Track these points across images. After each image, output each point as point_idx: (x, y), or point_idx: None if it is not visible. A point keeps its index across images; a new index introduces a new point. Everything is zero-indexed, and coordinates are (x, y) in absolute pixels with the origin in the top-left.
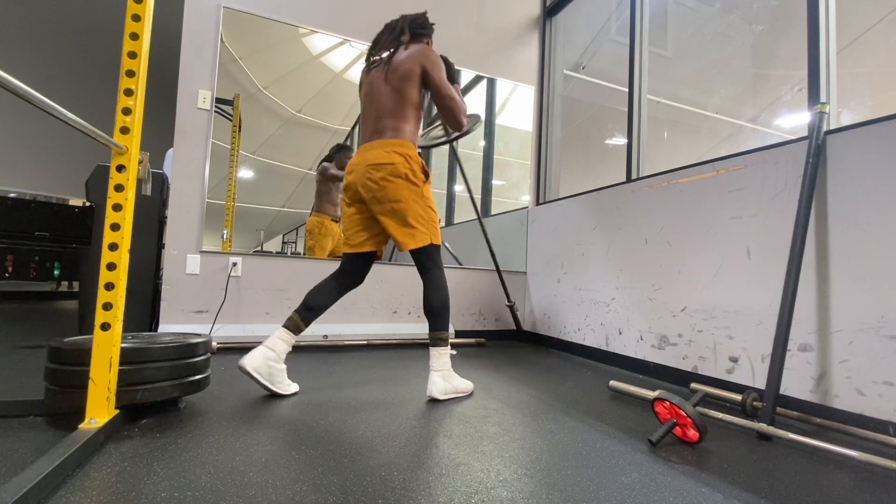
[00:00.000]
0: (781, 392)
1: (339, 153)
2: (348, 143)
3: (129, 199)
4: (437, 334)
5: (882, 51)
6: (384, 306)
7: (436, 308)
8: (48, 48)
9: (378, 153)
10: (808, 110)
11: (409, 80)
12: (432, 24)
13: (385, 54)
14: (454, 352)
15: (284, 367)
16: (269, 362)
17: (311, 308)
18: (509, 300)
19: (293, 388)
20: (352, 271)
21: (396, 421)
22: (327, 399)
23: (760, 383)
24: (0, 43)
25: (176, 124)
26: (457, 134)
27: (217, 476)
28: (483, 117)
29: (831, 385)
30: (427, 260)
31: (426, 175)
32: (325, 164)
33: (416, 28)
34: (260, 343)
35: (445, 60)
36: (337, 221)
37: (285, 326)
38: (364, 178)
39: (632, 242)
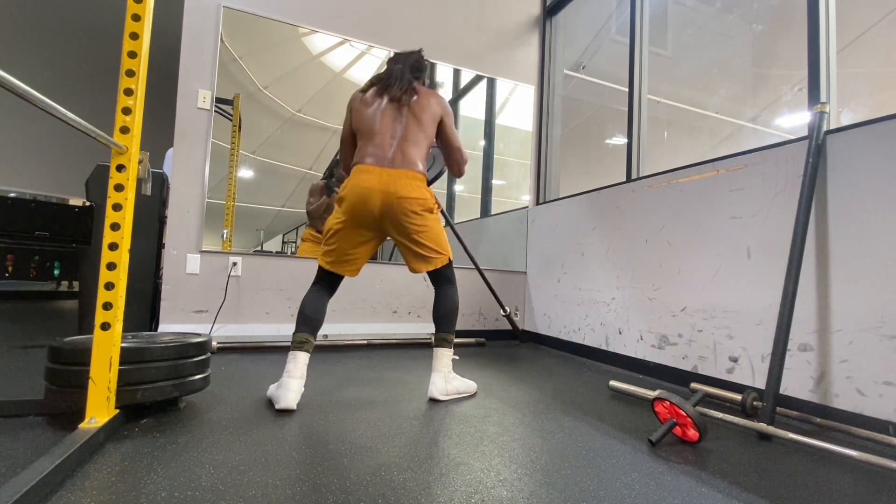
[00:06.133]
0: (781, 392)
1: (337, 167)
2: None
3: (129, 198)
4: (443, 335)
5: (882, 51)
6: (384, 306)
7: (445, 316)
8: (48, 48)
9: (412, 185)
10: (808, 110)
11: (434, 123)
12: (426, 64)
13: (405, 87)
14: (457, 357)
15: None
16: (302, 389)
17: (318, 327)
18: (504, 310)
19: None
20: (334, 285)
21: (397, 421)
22: (327, 399)
23: (760, 383)
24: (0, 43)
25: (176, 124)
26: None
27: (217, 476)
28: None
29: (831, 385)
30: (443, 276)
31: (438, 204)
32: (326, 185)
33: (415, 72)
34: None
35: None
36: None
37: (305, 350)
38: (395, 208)
39: (632, 242)
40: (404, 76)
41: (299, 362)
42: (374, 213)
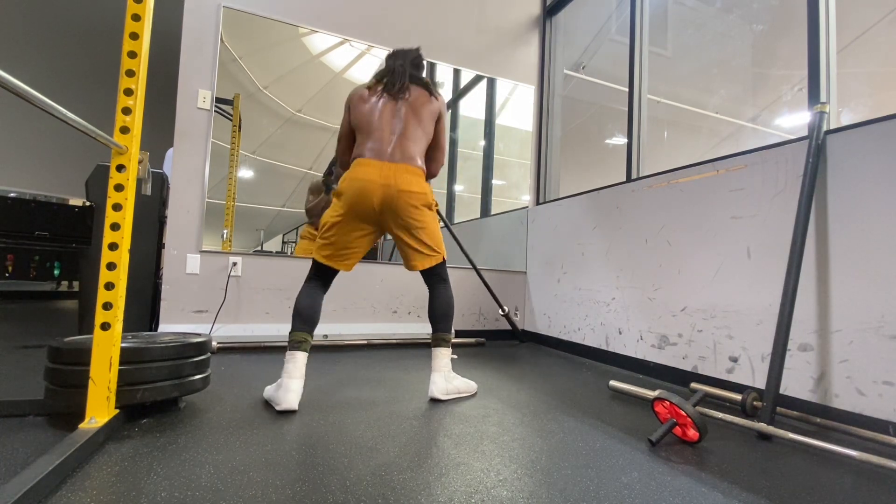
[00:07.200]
0: (781, 392)
1: (336, 165)
2: None
3: (129, 198)
4: (441, 335)
5: (882, 51)
6: (384, 306)
7: (441, 314)
8: (48, 48)
9: (413, 180)
10: (808, 110)
11: (433, 120)
12: (424, 62)
13: (405, 83)
14: (455, 356)
15: None
16: (301, 389)
17: (315, 324)
18: (503, 309)
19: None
20: (328, 281)
21: (396, 420)
22: (327, 399)
23: (760, 383)
24: (0, 43)
25: (176, 124)
26: None
27: (217, 476)
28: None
29: (831, 385)
30: (437, 275)
31: (436, 203)
32: (327, 185)
33: (414, 69)
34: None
35: None
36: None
37: (304, 350)
38: (397, 201)
39: (632, 242)
40: (405, 72)
41: (298, 362)
42: (373, 206)
